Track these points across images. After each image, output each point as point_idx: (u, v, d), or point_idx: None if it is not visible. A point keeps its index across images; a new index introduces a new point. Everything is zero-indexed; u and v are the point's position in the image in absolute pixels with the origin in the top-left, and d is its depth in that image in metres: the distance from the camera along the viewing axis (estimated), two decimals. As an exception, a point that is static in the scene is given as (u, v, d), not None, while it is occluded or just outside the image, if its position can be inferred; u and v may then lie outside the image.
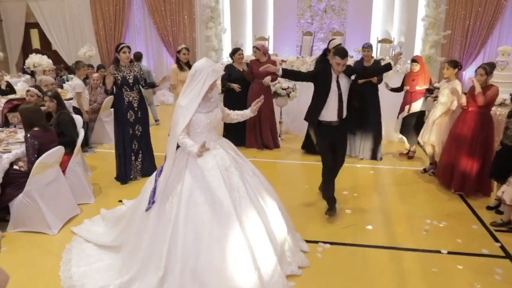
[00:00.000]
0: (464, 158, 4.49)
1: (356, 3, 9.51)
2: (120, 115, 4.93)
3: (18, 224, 3.84)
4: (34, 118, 3.90)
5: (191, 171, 2.86)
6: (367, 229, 3.91)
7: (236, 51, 6.44)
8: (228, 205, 2.78)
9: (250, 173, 3.10)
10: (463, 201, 4.52)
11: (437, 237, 3.75)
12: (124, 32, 10.50)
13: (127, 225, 3.24)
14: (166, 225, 2.78)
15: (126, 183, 5.03)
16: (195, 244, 2.70)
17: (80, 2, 10.51)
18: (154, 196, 2.88)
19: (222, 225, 2.74)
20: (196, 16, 10.02)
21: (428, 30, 8.99)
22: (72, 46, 10.82)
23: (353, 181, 5.15)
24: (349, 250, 3.55)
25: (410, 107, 5.61)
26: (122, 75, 4.83)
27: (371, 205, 4.47)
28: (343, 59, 3.74)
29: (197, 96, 2.79)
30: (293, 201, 4.52)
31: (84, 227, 3.82)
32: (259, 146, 6.44)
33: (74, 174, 4.33)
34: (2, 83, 7.03)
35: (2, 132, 4.63)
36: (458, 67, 5.00)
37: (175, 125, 2.83)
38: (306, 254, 3.39)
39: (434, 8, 8.86)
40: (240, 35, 9.92)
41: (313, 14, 9.75)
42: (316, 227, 3.94)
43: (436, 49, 9.13)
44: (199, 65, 2.85)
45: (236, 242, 2.73)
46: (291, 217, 4.06)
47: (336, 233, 3.80)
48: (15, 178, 3.82)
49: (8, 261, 3.37)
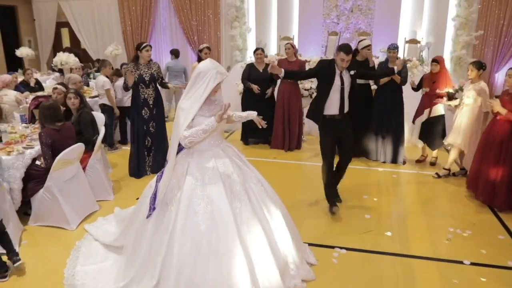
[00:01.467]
0: (492, 167, 4.26)
1: (384, 3, 9.27)
2: (135, 111, 5.06)
3: (38, 219, 3.94)
4: (48, 115, 3.94)
5: (191, 179, 2.75)
6: (386, 236, 3.79)
7: (255, 50, 6.41)
8: (228, 216, 2.66)
9: (254, 181, 2.97)
10: (490, 210, 4.31)
11: (460, 246, 3.59)
12: (150, 31, 10.63)
13: (127, 227, 3.23)
14: (163, 234, 2.71)
15: (140, 178, 5.18)
16: (191, 254, 2.61)
17: (108, 2, 10.71)
18: (155, 203, 2.81)
19: (220, 236, 2.63)
20: (221, 15, 10.02)
21: (459, 30, 8.65)
22: (100, 44, 11.05)
23: (374, 185, 5.02)
24: (366, 256, 3.44)
25: (430, 111, 5.35)
26: (139, 73, 4.95)
27: (392, 211, 4.34)
28: (348, 55, 3.79)
29: (199, 98, 2.69)
30: (311, 204, 4.45)
31: (97, 225, 3.84)
32: (285, 147, 6.38)
33: (94, 171, 4.40)
34: (31, 81, 7.25)
35: (27, 128, 4.75)
36: (483, 68, 4.79)
37: (176, 128, 2.73)
38: (321, 260, 3.31)
39: (466, 7, 8.52)
40: (264, 35, 9.87)
41: (339, 14, 9.58)
42: (333, 231, 3.85)
43: (467, 50, 8.78)
44: (203, 67, 2.73)
45: (234, 254, 2.61)
46: (307, 221, 4.01)
47: (353, 239, 3.70)
48: (37, 174, 3.91)
49: (28, 254, 3.45)
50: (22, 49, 10.09)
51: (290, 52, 6.16)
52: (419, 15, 9.11)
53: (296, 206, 4.44)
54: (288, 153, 6.28)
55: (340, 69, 3.90)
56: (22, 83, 7.09)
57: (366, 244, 3.62)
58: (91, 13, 10.98)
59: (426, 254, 3.46)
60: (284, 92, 6.21)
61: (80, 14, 11.06)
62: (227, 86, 7.44)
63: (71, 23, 11.20)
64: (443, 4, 8.85)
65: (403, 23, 9.33)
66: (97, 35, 11.14)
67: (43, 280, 3.12)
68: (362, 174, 5.41)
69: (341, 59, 3.81)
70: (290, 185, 5.09)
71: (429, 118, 5.40)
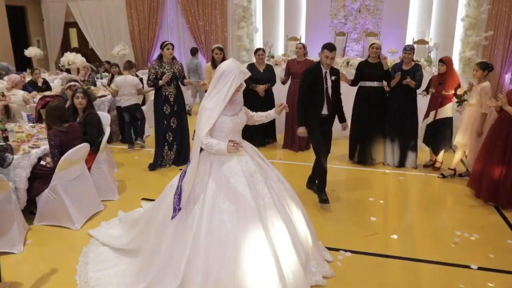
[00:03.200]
0: (497, 167, 4.22)
1: (392, 3, 9.19)
2: (157, 107, 5.33)
3: (43, 218, 3.95)
4: (54, 116, 3.95)
5: (215, 178, 2.73)
6: (391, 239, 3.74)
7: (256, 51, 6.40)
8: (253, 213, 2.64)
9: (275, 179, 2.96)
10: (498, 214, 4.25)
11: (467, 250, 3.53)
12: (157, 31, 10.67)
13: (145, 228, 3.17)
14: (187, 233, 2.67)
15: (154, 170, 5.41)
16: (218, 253, 2.58)
17: (116, 2, 10.77)
18: (180, 203, 2.75)
19: (246, 234, 2.60)
20: (228, 15, 10.03)
21: (468, 30, 8.56)
22: (108, 44, 11.12)
23: (381, 187, 4.97)
24: (371, 259, 3.40)
25: (436, 113, 5.25)
26: (162, 71, 5.19)
27: (398, 214, 4.29)
28: (331, 51, 3.97)
29: (224, 99, 2.66)
30: (316, 205, 4.41)
31: (101, 230, 3.78)
32: (294, 148, 6.35)
33: (99, 171, 4.41)
34: (39, 80, 7.29)
35: (34, 127, 4.78)
36: (488, 68, 4.72)
37: (199, 127, 2.72)
38: (326, 262, 3.28)
39: (475, 7, 8.42)
40: (272, 35, 9.85)
41: (347, 14, 9.52)
42: (338, 233, 3.82)
43: (476, 51, 8.68)
44: (226, 66, 2.71)
45: (261, 252, 2.59)
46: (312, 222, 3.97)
47: (358, 241, 3.66)
48: (42, 173, 3.92)
49: (33, 253, 3.48)
50: (30, 49, 10.19)
51: (300, 52, 6.14)
52: (428, 15, 9.02)
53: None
54: (297, 154, 6.25)
55: (325, 67, 4.07)
56: (30, 83, 7.14)
57: (371, 247, 3.58)
58: (99, 13, 11.06)
59: (432, 258, 3.40)
60: (295, 91, 6.18)
61: (88, 14, 11.15)
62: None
63: (79, 23, 11.29)
64: (452, 4, 8.76)
65: (411, 24, 9.25)
66: (105, 35, 11.22)
67: (48, 279, 3.11)
68: (368, 176, 5.36)
69: (326, 56, 3.98)
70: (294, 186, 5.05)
71: (434, 120, 5.30)
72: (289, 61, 6.40)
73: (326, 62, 4.02)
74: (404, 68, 5.33)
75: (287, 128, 6.39)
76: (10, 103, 5.39)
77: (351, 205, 4.48)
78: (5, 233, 3.48)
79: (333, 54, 3.97)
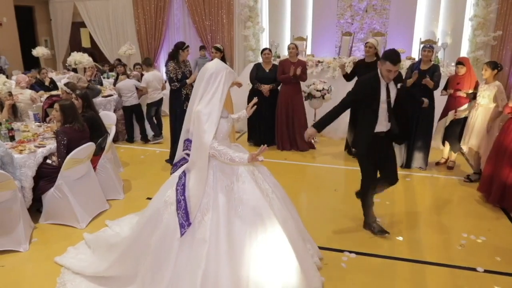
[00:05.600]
0: (506, 169, 4.16)
1: (399, 2, 9.12)
2: (178, 106, 5.39)
3: (49, 216, 3.98)
4: (71, 115, 4.02)
5: (221, 184, 2.63)
6: (397, 240, 3.71)
7: (263, 50, 6.42)
8: (268, 211, 2.60)
9: (268, 174, 2.97)
10: (506, 216, 4.19)
11: (473, 253, 3.49)
12: (164, 31, 10.69)
13: (131, 253, 2.85)
14: (198, 247, 2.50)
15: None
16: (243, 259, 2.49)
17: (124, 2, 10.81)
18: (189, 218, 2.56)
19: (267, 232, 2.55)
20: (234, 15, 10.03)
21: (476, 30, 8.47)
22: (115, 44, 11.17)
23: (386, 188, 4.92)
24: (376, 261, 3.37)
25: (455, 113, 5.19)
26: (182, 71, 5.35)
27: (404, 215, 4.25)
28: (395, 65, 3.26)
29: (220, 101, 2.59)
30: (320, 205, 4.40)
31: (68, 256, 3.39)
32: (291, 147, 6.34)
33: (104, 170, 4.42)
34: (46, 80, 7.35)
35: (40, 127, 4.81)
36: (498, 68, 4.68)
37: (201, 134, 2.56)
38: (330, 263, 3.27)
39: (484, 7, 8.33)
40: (278, 35, 9.83)
41: (354, 14, 9.47)
42: (342, 234, 3.79)
43: (484, 51, 8.59)
44: (213, 68, 2.63)
45: (283, 247, 2.55)
46: (316, 222, 3.97)
47: (363, 243, 3.64)
48: (48, 172, 3.95)
49: (38, 252, 3.50)
50: (38, 49, 10.26)
51: (293, 52, 6.12)
52: (435, 15, 8.94)
53: (304, 208, 4.40)
54: (299, 154, 6.23)
55: (386, 80, 3.40)
56: (37, 82, 7.20)
57: (376, 248, 3.55)
58: (106, 13, 11.11)
59: (438, 260, 3.37)
60: (288, 92, 6.17)
61: (96, 14, 11.21)
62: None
63: (87, 23, 11.36)
64: (460, 4, 8.68)
65: (418, 23, 9.17)
66: (112, 35, 11.27)
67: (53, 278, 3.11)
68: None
69: (388, 70, 3.30)
70: (298, 187, 5.05)
71: (453, 120, 5.24)
72: (281, 61, 6.33)
73: (388, 76, 3.34)
74: (422, 67, 5.21)
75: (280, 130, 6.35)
76: (18, 102, 5.43)
77: (356, 206, 4.44)
78: (11, 232, 3.51)
79: (396, 67, 3.29)
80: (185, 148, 2.81)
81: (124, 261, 2.87)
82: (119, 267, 2.89)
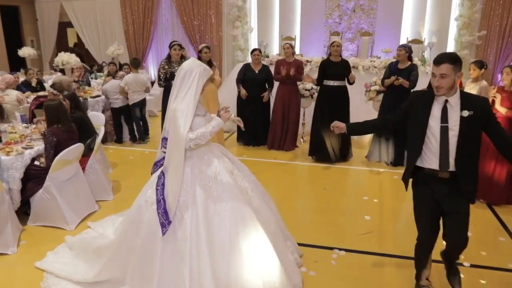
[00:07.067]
0: (490, 164, 4.26)
1: (386, 2, 9.23)
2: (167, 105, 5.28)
3: (37, 219, 3.94)
4: (57, 115, 3.98)
5: (200, 182, 2.65)
6: (385, 237, 3.76)
7: (253, 51, 6.39)
8: (247, 208, 2.65)
9: (248, 173, 3.00)
10: (491, 212, 4.28)
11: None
12: (152, 31, 10.65)
13: (118, 256, 2.85)
14: (181, 245, 2.54)
15: None
16: (223, 256, 2.52)
17: (111, 2, 10.73)
18: (168, 217, 2.57)
19: (246, 229, 2.59)
20: (223, 15, 10.03)
21: (462, 30, 8.61)
22: (102, 44, 11.08)
23: (375, 186, 4.99)
24: (365, 258, 3.42)
25: None
26: (171, 71, 5.35)
27: (392, 212, 4.31)
28: (437, 66, 2.42)
29: (194, 98, 2.60)
30: (308, 204, 4.43)
31: (50, 260, 3.32)
32: (281, 147, 6.36)
33: (93, 171, 4.40)
34: (33, 80, 7.26)
35: (27, 128, 4.76)
36: (484, 67, 4.79)
37: (177, 130, 2.56)
38: (320, 261, 3.31)
39: (469, 7, 8.47)
40: (266, 35, 9.86)
41: (342, 14, 9.55)
42: (332, 232, 3.83)
43: (470, 51, 8.73)
44: (188, 65, 2.66)
45: (263, 244, 2.60)
46: (305, 221, 4.00)
47: (352, 240, 3.68)
48: (36, 174, 3.91)
49: (27, 254, 3.46)
50: (24, 49, 10.13)
51: (289, 52, 6.14)
52: (422, 15, 9.06)
53: (294, 207, 4.43)
54: (290, 153, 6.26)
55: (436, 92, 2.46)
56: (23, 83, 7.11)
57: (365, 245, 3.60)
58: (94, 13, 11.02)
59: (426, 256, 3.43)
60: (284, 92, 6.19)
61: (83, 14, 11.10)
62: (229, 87, 7.44)
63: (74, 23, 11.25)
64: (446, 4, 8.81)
65: (405, 23, 9.29)
66: (99, 35, 11.18)
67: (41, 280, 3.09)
68: (363, 175, 5.38)
69: (432, 74, 2.50)
70: (288, 185, 5.08)
71: None
72: (278, 61, 6.36)
73: (433, 84, 2.47)
74: (399, 67, 5.34)
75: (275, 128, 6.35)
76: (4, 104, 5.37)
77: (345, 204, 4.50)
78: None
79: (440, 70, 2.40)
80: (163, 146, 2.83)
81: (112, 265, 2.87)
82: (108, 272, 2.88)
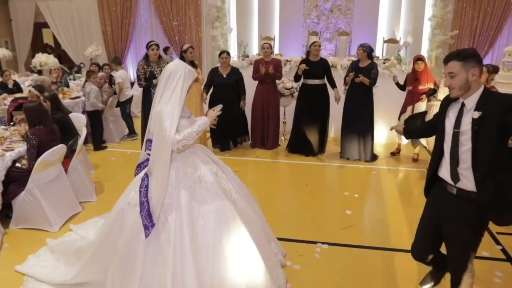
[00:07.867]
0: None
1: (362, 3, 9.46)
2: (148, 106, 5.20)
3: (20, 221, 3.89)
4: (37, 117, 3.96)
5: (184, 184, 2.62)
6: (366, 231, 3.89)
7: (220, 54, 6.09)
8: (232, 210, 2.64)
9: (232, 175, 3.01)
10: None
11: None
12: (131, 31, 10.58)
13: (98, 258, 2.79)
14: (165, 248, 2.50)
15: None
16: (207, 259, 2.50)
17: (88, 2, 10.60)
18: (152, 219, 2.53)
19: (230, 231, 2.59)
20: (202, 15, 10.05)
21: (435, 30, 8.91)
22: (80, 45, 10.93)
23: (355, 181, 5.12)
24: (348, 251, 3.53)
25: (413, 108, 5.50)
26: (150, 70, 5.35)
27: (372, 207, 4.45)
28: (445, 64, 2.28)
29: (179, 100, 2.56)
30: (291, 200, 4.52)
31: (31, 264, 3.28)
32: (263, 146, 6.44)
33: (76, 172, 4.37)
34: (10, 82, 7.12)
35: (7, 130, 4.69)
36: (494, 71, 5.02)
37: (163, 132, 2.52)
38: (304, 255, 3.40)
39: (442, 8, 8.78)
40: (246, 35, 9.93)
41: (319, 14, 9.72)
42: (314, 227, 3.93)
43: (443, 50, 9.04)
44: (173, 67, 2.62)
45: (247, 246, 2.60)
46: (288, 216, 4.09)
47: (334, 234, 3.79)
48: (18, 176, 3.87)
49: (9, 257, 3.42)
50: (-2, 50, 9.90)
51: (268, 52, 6.19)
52: (397, 15, 9.32)
53: (277, 203, 4.52)
54: (272, 151, 6.34)
55: (451, 93, 2.26)
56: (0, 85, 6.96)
57: (347, 238, 3.71)
58: (70, 14, 10.86)
59: (407, 247, 3.53)
60: (263, 90, 6.25)
61: (59, 14, 10.93)
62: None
63: (50, 23, 11.05)
64: (420, 5, 9.09)
65: (381, 23, 9.53)
66: (77, 36, 11.02)
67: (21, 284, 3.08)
68: (343, 171, 5.52)
69: (444, 73, 2.30)
70: (269, 182, 5.16)
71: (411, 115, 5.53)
72: (256, 61, 6.39)
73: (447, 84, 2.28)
74: (360, 65, 5.56)
75: (255, 127, 6.40)
76: (-20, 106, 5.27)
77: (327, 199, 4.61)
78: (-19, 238, 3.42)
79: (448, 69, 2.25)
80: (147, 148, 2.79)
81: (92, 266, 2.82)
82: (87, 273, 2.84)
